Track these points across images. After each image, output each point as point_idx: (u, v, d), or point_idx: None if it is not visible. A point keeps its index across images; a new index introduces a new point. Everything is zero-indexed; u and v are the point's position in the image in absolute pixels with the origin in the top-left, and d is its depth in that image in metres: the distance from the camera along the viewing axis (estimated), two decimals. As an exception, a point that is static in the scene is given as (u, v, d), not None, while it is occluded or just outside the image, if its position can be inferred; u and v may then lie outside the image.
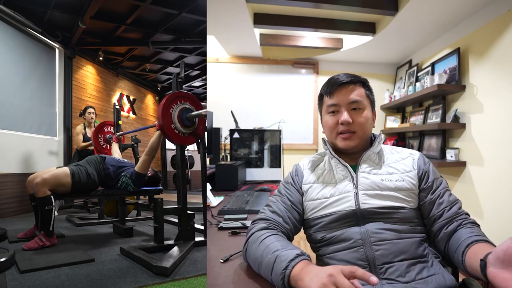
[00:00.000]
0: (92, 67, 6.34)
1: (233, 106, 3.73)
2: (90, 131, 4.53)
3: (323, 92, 1.08)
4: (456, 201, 0.99)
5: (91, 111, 4.62)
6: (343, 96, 1.03)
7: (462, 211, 0.97)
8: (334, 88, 1.04)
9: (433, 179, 1.01)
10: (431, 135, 3.13)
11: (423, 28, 2.94)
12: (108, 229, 3.45)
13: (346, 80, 1.03)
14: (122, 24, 5.05)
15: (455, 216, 0.95)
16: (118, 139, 3.95)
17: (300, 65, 4.02)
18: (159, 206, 2.55)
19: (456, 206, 0.97)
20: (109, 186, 2.86)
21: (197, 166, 8.19)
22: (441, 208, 0.97)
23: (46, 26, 4.99)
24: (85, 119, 4.68)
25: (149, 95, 8.70)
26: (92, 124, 4.63)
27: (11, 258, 2.16)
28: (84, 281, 1.94)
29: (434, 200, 0.98)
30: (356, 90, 1.04)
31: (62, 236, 3.09)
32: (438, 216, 0.97)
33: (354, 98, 1.02)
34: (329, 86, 1.05)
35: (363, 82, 1.06)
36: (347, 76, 1.04)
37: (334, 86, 1.04)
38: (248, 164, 2.70)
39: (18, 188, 4.45)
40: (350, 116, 1.01)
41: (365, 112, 1.03)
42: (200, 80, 8.10)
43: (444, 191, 1.00)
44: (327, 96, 1.06)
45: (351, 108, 1.02)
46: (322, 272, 0.69)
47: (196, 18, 4.91)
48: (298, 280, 0.74)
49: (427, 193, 1.00)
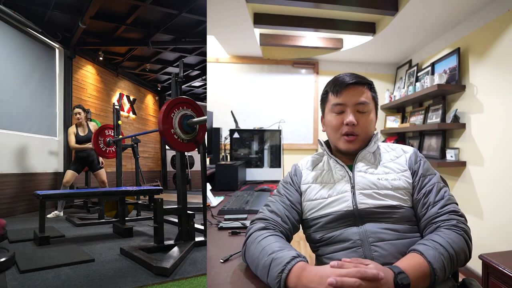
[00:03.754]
0: (92, 67, 6.34)
1: (233, 106, 3.73)
2: (82, 130, 4.40)
3: (329, 89, 1.06)
4: (441, 199, 0.94)
5: (77, 111, 4.31)
6: (351, 96, 1.02)
7: (443, 210, 0.92)
8: (342, 88, 1.02)
9: (420, 176, 0.99)
10: (431, 135, 3.13)
11: (423, 28, 2.94)
12: (108, 229, 3.45)
13: (354, 81, 1.02)
14: (122, 24, 5.05)
15: (435, 216, 0.92)
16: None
17: (300, 65, 4.02)
18: (159, 206, 2.55)
19: (438, 205, 0.93)
20: None
21: (197, 166, 8.20)
22: (425, 208, 0.95)
23: (46, 26, 4.99)
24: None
25: (149, 95, 8.70)
26: (82, 123, 4.37)
27: (11, 258, 2.16)
28: (84, 281, 1.95)
29: (420, 198, 0.97)
30: (364, 93, 1.03)
31: (62, 236, 3.09)
32: (422, 215, 0.95)
33: (361, 100, 1.01)
34: (337, 85, 1.04)
35: (370, 84, 1.06)
36: (355, 77, 1.03)
37: (342, 86, 1.02)
38: (248, 164, 2.70)
39: (18, 188, 4.45)
40: (356, 117, 1.00)
41: (370, 115, 1.03)
42: (200, 80, 8.10)
43: (431, 188, 0.97)
44: (333, 95, 1.04)
45: (356, 110, 1.02)
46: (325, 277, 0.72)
47: (196, 18, 4.91)
48: (299, 284, 0.75)
49: (415, 191, 0.98)
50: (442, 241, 0.84)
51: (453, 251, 0.83)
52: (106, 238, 3.07)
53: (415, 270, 0.78)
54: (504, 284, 1.51)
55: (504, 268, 1.51)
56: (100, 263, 2.29)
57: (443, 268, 0.80)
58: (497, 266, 1.54)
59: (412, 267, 0.78)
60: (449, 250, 0.82)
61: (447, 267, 0.81)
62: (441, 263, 0.80)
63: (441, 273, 0.80)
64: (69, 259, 2.29)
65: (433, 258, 0.80)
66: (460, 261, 0.86)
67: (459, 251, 0.85)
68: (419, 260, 0.80)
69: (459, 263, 0.86)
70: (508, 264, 1.52)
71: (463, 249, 0.86)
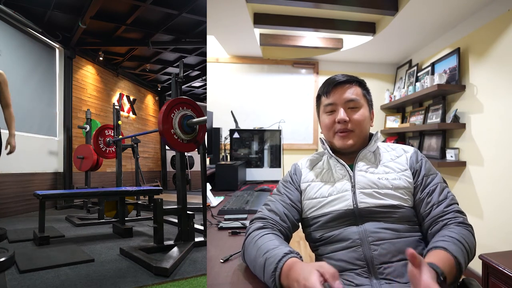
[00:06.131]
0: (92, 67, 6.34)
1: (233, 106, 3.73)
2: None
3: (320, 92, 1.09)
4: (445, 199, 0.96)
5: None
6: (340, 95, 1.04)
7: (449, 210, 0.94)
8: (331, 88, 1.05)
9: (423, 176, 1.00)
10: (431, 135, 3.13)
11: (423, 28, 2.94)
12: (108, 229, 3.45)
13: (342, 80, 1.04)
14: (122, 24, 5.05)
15: (441, 215, 0.93)
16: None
17: (300, 65, 4.02)
18: (159, 206, 2.54)
19: (443, 204, 0.95)
20: None
21: (197, 166, 8.19)
22: (429, 207, 0.96)
23: (46, 26, 4.99)
24: None
25: (149, 95, 8.70)
26: None
27: (11, 258, 2.16)
28: (84, 281, 1.94)
29: (423, 198, 0.97)
30: (352, 89, 1.04)
31: (62, 236, 3.09)
32: (425, 215, 0.96)
33: (350, 97, 1.03)
34: (326, 86, 1.07)
35: (359, 82, 1.07)
36: (344, 76, 1.06)
37: (331, 86, 1.05)
38: (248, 164, 2.70)
39: (18, 188, 4.45)
40: (347, 114, 1.02)
41: (361, 111, 1.04)
42: (200, 80, 8.10)
43: (434, 188, 0.98)
44: (324, 96, 1.07)
45: (348, 107, 1.03)
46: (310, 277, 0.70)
47: (196, 18, 4.91)
48: (289, 279, 0.75)
49: (417, 191, 0.99)
50: (458, 237, 0.86)
51: (468, 246, 0.86)
52: (106, 238, 3.07)
53: (446, 265, 0.79)
54: (504, 284, 1.51)
55: (504, 268, 1.51)
56: (100, 263, 2.29)
57: (465, 262, 0.84)
58: (497, 266, 1.54)
59: (443, 263, 0.79)
60: (465, 245, 0.85)
61: (467, 261, 0.85)
62: (463, 257, 0.83)
63: (465, 266, 0.83)
64: (68, 259, 2.29)
65: (457, 253, 0.82)
66: (472, 256, 0.89)
67: (472, 246, 0.88)
68: (445, 255, 0.82)
69: (471, 258, 0.89)
70: (508, 264, 1.52)
71: (474, 244, 0.90)
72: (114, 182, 5.58)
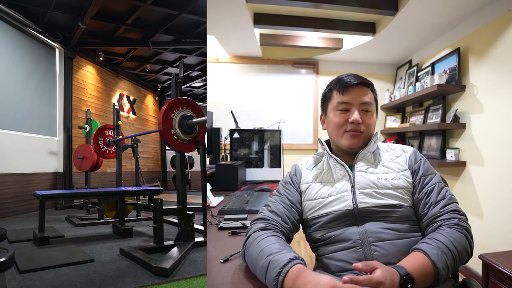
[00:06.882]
0: (92, 67, 6.34)
1: (233, 106, 3.73)
2: None
3: (334, 88, 1.07)
4: (442, 199, 0.95)
5: None
6: (356, 96, 1.04)
7: (445, 210, 0.93)
8: (348, 87, 1.04)
9: (421, 176, 1.00)
10: (431, 135, 3.13)
11: (423, 28, 2.94)
12: (108, 230, 3.45)
13: (360, 81, 1.05)
14: (122, 25, 5.06)
15: (437, 216, 0.93)
16: None
17: (300, 65, 4.02)
18: (159, 206, 2.55)
19: (440, 205, 0.94)
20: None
21: (197, 166, 8.19)
22: (426, 207, 0.96)
23: (47, 26, 4.99)
24: None
25: (149, 95, 8.70)
26: None
27: (10, 258, 2.16)
28: (84, 281, 1.94)
29: (421, 198, 0.97)
30: (368, 93, 1.06)
31: (62, 236, 3.09)
32: (423, 215, 0.96)
33: (366, 100, 1.04)
34: (342, 84, 1.05)
35: (372, 86, 1.09)
36: (360, 78, 1.06)
37: (348, 85, 1.04)
38: (248, 164, 2.70)
39: (18, 188, 4.45)
40: (360, 116, 1.02)
41: (373, 116, 1.06)
42: (200, 80, 8.10)
43: (432, 188, 0.97)
44: (339, 93, 1.05)
45: (361, 109, 1.04)
46: (321, 285, 0.72)
47: (196, 18, 4.91)
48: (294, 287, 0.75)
49: (415, 190, 0.99)
50: (444, 240, 0.85)
51: (455, 249, 0.84)
52: (105, 238, 3.07)
53: (419, 269, 0.79)
54: (504, 284, 1.51)
55: (504, 268, 1.51)
56: (100, 263, 2.29)
57: (446, 267, 0.82)
58: (497, 266, 1.54)
59: (416, 267, 0.79)
60: (451, 249, 0.84)
61: (450, 266, 0.83)
62: (444, 262, 0.81)
63: (444, 271, 0.81)
64: (68, 259, 2.29)
65: (436, 257, 0.81)
66: (462, 260, 0.87)
67: (461, 249, 0.86)
68: (422, 259, 0.81)
69: (461, 261, 0.87)
70: (508, 264, 1.52)
71: (465, 247, 0.87)
72: (114, 182, 5.57)
